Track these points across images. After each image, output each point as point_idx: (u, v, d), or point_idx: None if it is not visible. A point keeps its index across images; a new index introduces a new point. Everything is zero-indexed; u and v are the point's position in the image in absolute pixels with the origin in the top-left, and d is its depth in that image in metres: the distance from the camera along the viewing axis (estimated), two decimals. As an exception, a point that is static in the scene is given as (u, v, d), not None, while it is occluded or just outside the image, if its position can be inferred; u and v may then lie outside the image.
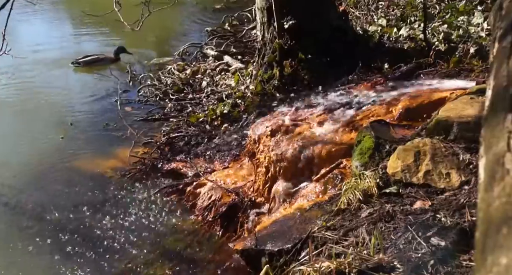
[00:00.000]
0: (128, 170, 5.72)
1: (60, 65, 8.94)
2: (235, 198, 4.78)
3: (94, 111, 7.27)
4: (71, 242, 4.56)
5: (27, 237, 4.62)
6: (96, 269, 4.24)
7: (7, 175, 5.58)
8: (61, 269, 4.24)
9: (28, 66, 8.45)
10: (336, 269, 2.61)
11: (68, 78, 8.64)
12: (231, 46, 8.90)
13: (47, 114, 7.15)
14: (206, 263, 4.24)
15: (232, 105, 6.46)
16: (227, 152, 5.74)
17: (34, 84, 8.17)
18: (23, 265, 4.27)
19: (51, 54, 9.43)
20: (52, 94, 7.89)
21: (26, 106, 7.47)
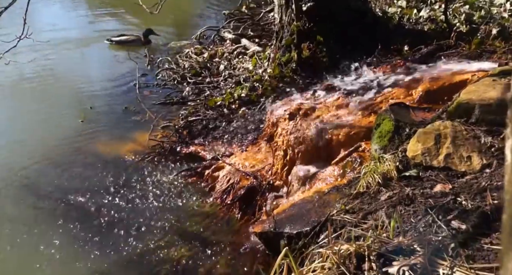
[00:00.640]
0: (147, 153, 5.77)
1: (80, 47, 9.02)
2: (253, 181, 4.80)
3: (113, 94, 7.33)
4: (91, 224, 4.64)
5: (48, 219, 4.71)
6: (116, 251, 4.30)
7: (28, 158, 5.67)
8: (81, 250, 4.32)
9: (48, 49, 8.52)
10: (355, 252, 2.61)
11: (87, 61, 8.72)
12: (249, 29, 8.86)
13: (67, 98, 7.23)
14: (224, 246, 4.28)
15: (249, 88, 6.45)
16: (245, 135, 5.75)
17: (54, 67, 8.23)
18: (44, 247, 4.35)
19: (70, 36, 9.53)
20: (72, 77, 7.96)
21: (46, 89, 7.55)
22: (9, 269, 4.12)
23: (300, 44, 5.92)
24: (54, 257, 4.23)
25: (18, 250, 4.33)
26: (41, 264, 4.16)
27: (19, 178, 5.30)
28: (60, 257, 4.23)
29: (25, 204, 4.92)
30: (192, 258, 4.15)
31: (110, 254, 4.24)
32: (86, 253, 4.27)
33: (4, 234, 4.51)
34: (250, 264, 4.01)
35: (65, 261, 4.18)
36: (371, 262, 2.51)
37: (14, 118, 6.74)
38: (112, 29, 9.86)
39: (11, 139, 6.09)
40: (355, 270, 2.54)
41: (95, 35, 9.63)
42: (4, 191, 5.10)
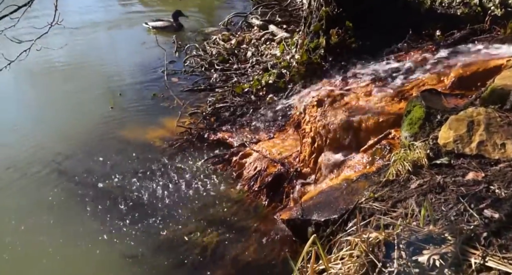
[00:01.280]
0: (175, 139, 5.82)
1: (109, 34, 9.13)
2: (280, 168, 4.79)
3: (142, 81, 7.40)
4: (121, 209, 4.71)
5: (79, 203, 4.81)
6: (143, 235, 4.37)
7: (60, 144, 5.79)
8: (110, 235, 4.39)
9: (78, 35, 8.64)
10: (384, 240, 2.58)
11: (117, 47, 8.82)
12: (276, 15, 8.78)
13: (97, 84, 7.33)
14: (252, 232, 4.30)
15: (277, 75, 6.41)
16: (272, 122, 5.74)
17: (83, 53, 8.36)
18: (76, 231, 4.45)
19: (99, 21, 9.66)
20: (101, 64, 8.07)
21: (77, 75, 7.67)
22: (42, 252, 4.22)
23: (329, 30, 5.83)
24: (86, 241, 4.31)
25: (51, 233, 4.43)
26: (73, 247, 4.25)
27: (52, 162, 5.41)
28: (91, 241, 4.31)
29: (58, 188, 5.02)
30: (220, 244, 4.18)
31: (140, 239, 4.31)
32: (117, 238, 4.34)
33: (38, 217, 4.62)
34: (277, 250, 4.02)
35: (96, 245, 4.26)
36: (401, 251, 2.48)
37: (46, 104, 6.88)
38: (141, 16, 9.95)
39: (43, 125, 6.22)
40: (384, 258, 2.51)
41: (125, 22, 9.74)
42: (38, 175, 5.22)
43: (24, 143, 5.82)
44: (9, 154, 5.59)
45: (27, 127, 6.19)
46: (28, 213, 4.71)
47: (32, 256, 4.20)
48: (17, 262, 4.16)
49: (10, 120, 6.36)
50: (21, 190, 5.02)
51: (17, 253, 4.24)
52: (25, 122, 6.33)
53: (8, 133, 6.03)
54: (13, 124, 6.23)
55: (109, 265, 4.04)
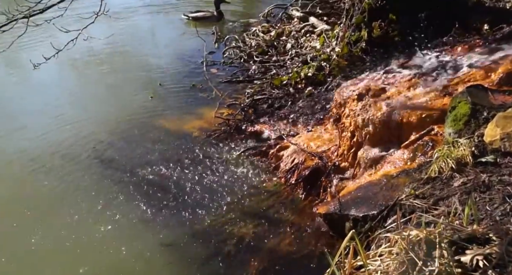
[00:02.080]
0: (213, 130, 5.85)
1: (151, 24, 9.24)
2: (318, 162, 4.75)
3: (182, 71, 7.47)
4: (158, 197, 4.79)
5: (120, 191, 4.90)
6: (180, 224, 4.42)
7: (101, 132, 5.92)
8: (148, 222, 4.47)
9: (121, 25, 8.78)
10: (425, 238, 2.52)
11: (158, 37, 8.91)
12: (317, 7, 8.68)
13: (138, 74, 7.44)
14: (288, 225, 4.29)
15: (317, 68, 6.35)
16: (311, 115, 5.69)
17: (125, 43, 8.48)
18: (114, 218, 4.54)
19: (142, 12, 9.76)
20: (142, 54, 8.19)
21: (117, 65, 7.81)
22: (81, 238, 4.33)
23: (371, 23, 5.73)
24: (124, 229, 4.40)
25: (91, 220, 4.54)
26: (111, 233, 4.35)
27: (94, 151, 5.54)
28: (129, 228, 4.40)
29: (98, 175, 5.14)
30: (256, 235, 4.19)
31: (176, 227, 4.36)
32: (154, 226, 4.41)
33: (78, 204, 4.74)
34: (313, 245, 4.00)
35: (134, 232, 4.35)
36: (442, 250, 2.42)
37: (88, 93, 7.04)
38: (181, 6, 10.05)
39: (86, 113, 6.36)
40: (424, 257, 2.46)
41: (167, 12, 9.84)
42: (80, 163, 5.35)
43: (67, 130, 5.98)
44: (53, 140, 5.76)
45: (70, 114, 6.34)
46: (69, 197, 4.84)
47: (69, 239, 4.31)
48: (57, 244, 4.28)
49: (54, 108, 6.53)
50: (63, 175, 5.17)
51: (58, 235, 4.36)
52: (69, 110, 6.49)
53: (52, 120, 6.20)
54: (57, 112, 6.39)
55: (146, 252, 4.10)
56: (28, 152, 5.56)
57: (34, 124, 6.15)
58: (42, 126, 6.08)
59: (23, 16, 4.24)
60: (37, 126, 6.09)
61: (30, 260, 4.15)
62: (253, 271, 3.84)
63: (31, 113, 6.44)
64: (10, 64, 8.04)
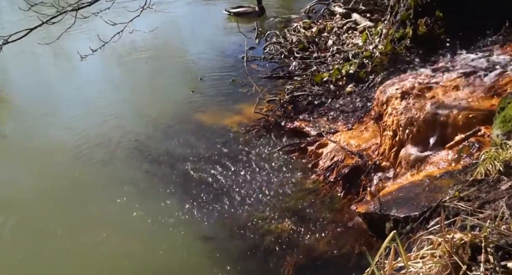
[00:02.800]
0: (252, 126, 5.87)
1: (194, 19, 9.32)
2: (358, 160, 4.70)
3: (222, 66, 7.51)
4: (197, 191, 4.84)
5: (158, 183, 4.98)
6: (219, 219, 4.46)
7: (142, 124, 6.03)
8: (187, 215, 4.53)
9: (161, 18, 8.87)
10: (470, 242, 2.46)
11: (200, 32, 8.97)
12: (360, 3, 8.56)
13: (179, 68, 7.54)
14: (326, 223, 4.26)
15: (358, 65, 6.27)
16: (351, 113, 5.63)
17: (167, 37, 8.56)
18: (152, 210, 4.62)
19: (185, 8, 9.85)
20: (184, 48, 8.29)
21: (159, 59, 7.91)
22: (120, 229, 4.42)
23: (417, 20, 5.61)
24: (163, 221, 4.47)
25: (130, 209, 4.64)
26: (151, 226, 4.42)
27: (133, 142, 5.64)
28: (169, 220, 4.46)
29: (137, 167, 5.24)
30: (294, 232, 4.18)
31: (215, 221, 4.41)
32: (192, 219, 4.47)
33: (118, 195, 4.84)
34: (352, 244, 3.97)
35: (171, 224, 4.41)
36: (488, 254, 2.35)
37: (130, 86, 7.17)
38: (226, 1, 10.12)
39: (128, 106, 6.49)
40: (469, 261, 2.40)
41: (209, 6, 9.91)
42: (121, 154, 5.47)
43: (109, 121, 6.11)
44: (96, 131, 5.90)
45: (112, 107, 6.48)
46: (110, 187, 4.95)
47: (109, 230, 4.41)
48: (96, 235, 4.38)
49: (97, 100, 6.69)
50: (105, 166, 5.30)
51: (97, 226, 4.47)
52: (111, 102, 6.63)
53: (95, 112, 6.35)
54: (100, 104, 6.54)
55: (185, 245, 4.16)
56: (71, 142, 5.73)
57: (77, 116, 6.33)
58: (85, 118, 6.25)
59: (72, 9, 4.34)
60: (80, 118, 6.26)
61: (69, 249, 4.26)
62: (290, 268, 3.84)
63: (75, 104, 6.62)
64: (57, 55, 8.26)
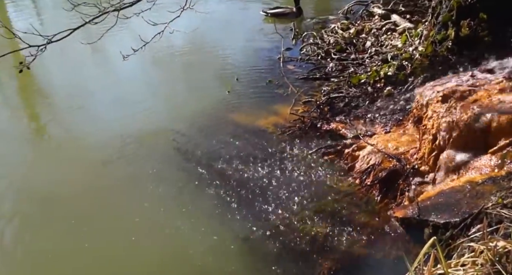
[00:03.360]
0: (288, 127, 5.85)
1: (231, 19, 9.38)
2: (396, 164, 4.62)
3: (258, 67, 7.52)
4: (233, 191, 4.84)
5: (195, 183, 5.01)
6: (255, 219, 4.45)
7: (178, 123, 6.08)
8: (223, 215, 4.54)
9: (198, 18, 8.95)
10: (515, 251, 2.38)
11: (236, 32, 9.01)
12: (400, 4, 8.44)
13: (214, 68, 7.58)
14: (362, 226, 4.20)
15: (397, 67, 6.17)
16: (389, 116, 5.55)
17: (204, 37, 8.65)
18: (189, 208, 4.66)
19: (221, 8, 9.93)
20: (219, 49, 8.32)
21: (196, 59, 7.99)
22: (156, 228, 4.47)
23: (459, 21, 5.47)
24: (199, 221, 4.49)
25: (165, 208, 4.69)
26: (187, 226, 4.45)
27: (171, 141, 5.70)
28: (205, 220, 4.48)
29: (176, 166, 5.28)
30: (329, 235, 4.14)
31: (251, 222, 4.40)
32: (227, 219, 4.48)
33: (156, 193, 4.90)
34: (388, 248, 3.89)
35: (209, 224, 4.42)
36: (534, 265, 2.28)
37: (167, 85, 7.28)
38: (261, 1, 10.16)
39: (164, 104, 6.59)
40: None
41: (245, 9, 9.94)
42: (158, 153, 5.53)
43: (147, 120, 6.20)
44: (134, 129, 5.98)
45: (150, 105, 6.58)
46: (148, 185, 5.01)
47: (145, 228, 4.47)
48: (131, 233, 4.44)
49: (134, 98, 6.79)
50: (143, 164, 5.36)
51: (132, 224, 4.53)
52: (149, 101, 6.73)
53: (132, 109, 6.45)
54: (138, 103, 6.64)
55: (220, 245, 4.17)
56: (109, 139, 5.83)
57: (115, 114, 6.45)
58: (123, 117, 6.36)
59: (114, 9, 4.42)
60: (118, 116, 6.38)
61: (103, 246, 4.33)
62: (325, 272, 3.80)
63: (113, 102, 6.76)
64: (96, 54, 8.44)
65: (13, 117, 6.82)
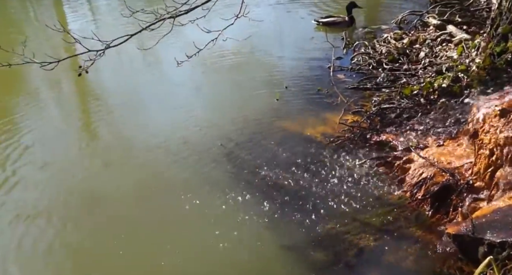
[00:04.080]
0: (337, 136, 5.78)
1: (281, 27, 9.40)
2: (449, 178, 4.48)
3: (308, 76, 7.49)
4: (279, 199, 4.82)
5: (241, 188, 5.02)
6: (300, 228, 4.41)
7: (227, 128, 6.13)
8: (268, 223, 4.53)
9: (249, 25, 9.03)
10: None
11: (287, 40, 9.01)
12: (456, 15, 8.22)
13: (264, 75, 7.60)
14: (411, 241, 4.09)
15: (452, 79, 6.01)
16: (443, 129, 5.40)
17: (253, 45, 8.67)
18: (235, 214, 4.67)
19: (271, 16, 9.98)
20: (269, 56, 8.34)
21: (245, 66, 8.03)
22: (199, 232, 4.50)
23: (520, 33, 5.28)
24: (245, 228, 4.50)
25: (211, 212, 4.72)
26: (232, 233, 4.45)
27: (219, 147, 5.75)
28: (251, 228, 4.49)
29: (224, 172, 5.31)
30: (376, 248, 4.05)
31: (296, 231, 4.36)
32: (273, 227, 4.46)
33: (202, 198, 4.94)
34: (439, 266, 3.77)
35: (254, 232, 4.43)
36: None
37: (217, 91, 7.34)
38: (311, 10, 10.13)
39: (215, 111, 6.63)
40: None
41: (298, 17, 9.95)
42: (207, 158, 5.57)
43: (196, 124, 6.28)
44: (184, 135, 6.06)
45: (199, 111, 6.66)
46: (193, 188, 5.06)
47: (189, 233, 4.52)
48: (177, 236, 4.50)
49: (185, 103, 6.90)
50: (192, 167, 5.43)
51: (180, 225, 4.60)
52: (199, 106, 6.82)
53: (182, 116, 6.54)
54: (187, 109, 6.73)
55: (266, 253, 4.16)
56: (158, 143, 5.93)
57: (165, 118, 6.56)
58: (172, 121, 6.46)
59: (170, 16, 4.51)
60: (168, 120, 6.48)
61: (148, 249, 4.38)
62: (372, 286, 3.73)
63: (162, 107, 6.86)
64: (148, 59, 8.63)
65: (66, 117, 7.04)
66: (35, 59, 4.09)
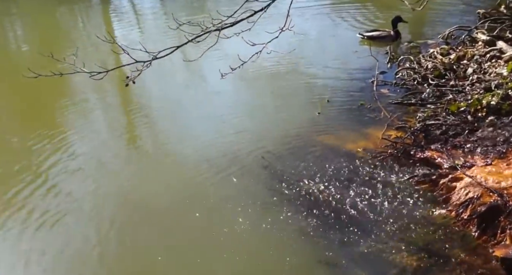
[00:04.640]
0: (379, 152, 5.68)
1: (326, 40, 9.37)
2: (497, 199, 4.33)
3: (350, 89, 7.41)
4: (319, 213, 4.77)
5: (282, 201, 5.00)
6: (340, 243, 4.36)
7: (267, 141, 6.11)
8: (307, 237, 4.48)
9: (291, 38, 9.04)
10: None
11: (329, 53, 8.94)
12: (507, 31, 7.99)
13: (305, 88, 7.57)
14: (456, 263, 3.95)
15: (502, 96, 5.84)
16: (491, 147, 5.24)
17: (295, 58, 8.63)
18: (274, 226, 4.65)
19: (316, 29, 9.96)
20: (311, 69, 8.28)
21: (287, 78, 7.99)
22: (235, 244, 4.49)
23: None
24: (283, 241, 4.47)
25: (252, 228, 4.70)
26: (270, 245, 4.44)
27: (260, 160, 5.73)
28: (289, 241, 4.45)
29: (265, 185, 5.30)
30: (419, 268, 3.93)
31: (336, 246, 4.31)
32: (313, 242, 4.41)
33: (243, 210, 4.94)
34: (487, 290, 3.63)
35: (292, 245, 4.39)
36: None
37: (257, 104, 7.34)
38: (356, 21, 10.07)
39: (256, 124, 6.64)
40: None
41: (343, 30, 9.90)
42: (248, 170, 5.57)
43: (238, 137, 6.29)
44: (226, 146, 6.07)
45: (241, 123, 6.66)
46: (234, 201, 5.06)
47: (230, 245, 4.50)
48: (218, 248, 4.49)
49: (226, 116, 6.91)
50: (232, 179, 5.44)
51: (219, 240, 4.59)
52: (240, 119, 6.82)
53: (223, 129, 6.55)
54: (228, 121, 6.75)
55: (303, 267, 4.12)
56: (200, 154, 5.97)
57: (205, 130, 6.58)
58: (214, 133, 6.47)
59: (215, 29, 4.55)
60: (209, 133, 6.49)
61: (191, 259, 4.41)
62: (415, 308, 3.62)
63: (203, 119, 6.90)
64: (190, 71, 8.74)
65: (111, 128, 7.20)
66: (84, 68, 4.20)
